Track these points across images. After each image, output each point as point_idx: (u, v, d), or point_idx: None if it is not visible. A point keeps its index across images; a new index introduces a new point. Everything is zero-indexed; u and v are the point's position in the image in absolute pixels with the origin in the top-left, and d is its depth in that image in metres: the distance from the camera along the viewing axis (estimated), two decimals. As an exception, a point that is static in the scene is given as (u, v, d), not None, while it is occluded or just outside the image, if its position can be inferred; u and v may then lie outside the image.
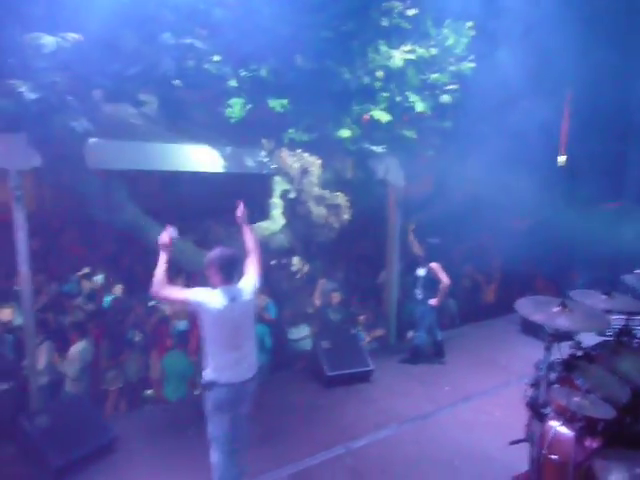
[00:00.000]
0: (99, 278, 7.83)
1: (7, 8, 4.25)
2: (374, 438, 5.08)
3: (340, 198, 6.07)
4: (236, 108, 5.85)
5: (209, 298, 3.52)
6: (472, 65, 6.57)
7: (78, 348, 6.05)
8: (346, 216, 6.12)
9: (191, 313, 3.60)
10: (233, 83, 5.83)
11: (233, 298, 3.56)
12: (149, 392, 6.35)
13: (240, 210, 4.04)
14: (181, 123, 5.96)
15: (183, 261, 6.03)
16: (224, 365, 3.57)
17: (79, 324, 6.47)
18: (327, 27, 5.95)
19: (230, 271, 3.60)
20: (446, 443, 5.01)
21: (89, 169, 5.28)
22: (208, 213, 7.01)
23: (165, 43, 4.60)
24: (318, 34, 5.93)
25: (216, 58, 5.52)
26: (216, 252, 3.64)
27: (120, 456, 4.78)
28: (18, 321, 6.41)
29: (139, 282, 7.87)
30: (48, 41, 4.02)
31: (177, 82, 5.28)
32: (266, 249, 6.30)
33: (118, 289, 7.41)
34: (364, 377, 6.32)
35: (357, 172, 6.59)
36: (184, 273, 7.01)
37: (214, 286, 3.60)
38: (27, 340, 5.75)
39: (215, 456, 3.68)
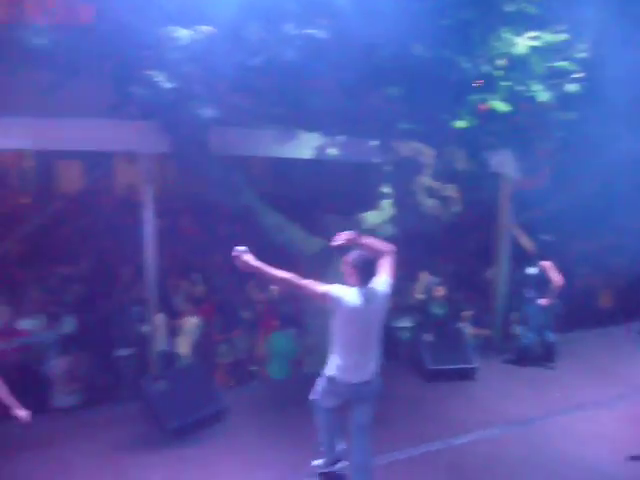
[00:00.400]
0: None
1: (146, 4, 4.60)
2: (477, 437, 4.97)
3: (450, 190, 5.95)
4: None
5: (347, 295, 3.54)
6: (602, 52, 6.11)
7: (189, 323, 6.48)
8: (456, 209, 5.99)
9: (325, 308, 3.61)
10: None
11: (367, 299, 3.57)
12: (255, 369, 6.67)
13: (342, 237, 3.71)
14: (298, 111, 6.12)
15: (294, 248, 6.25)
16: (346, 366, 3.64)
17: (193, 300, 6.93)
18: (446, 15, 5.81)
19: (366, 273, 3.60)
20: (553, 451, 4.78)
21: (212, 154, 5.61)
22: (319, 200, 7.18)
23: (288, 33, 4.74)
24: (437, 22, 5.80)
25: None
26: (355, 254, 3.64)
27: (229, 425, 5.10)
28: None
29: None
30: (183, 34, 4.31)
31: (296, 71, 5.43)
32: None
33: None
34: (467, 374, 6.18)
35: (470, 164, 6.40)
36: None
37: (350, 285, 3.62)
38: (150, 310, 6.29)
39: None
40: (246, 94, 5.31)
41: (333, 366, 3.69)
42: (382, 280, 3.66)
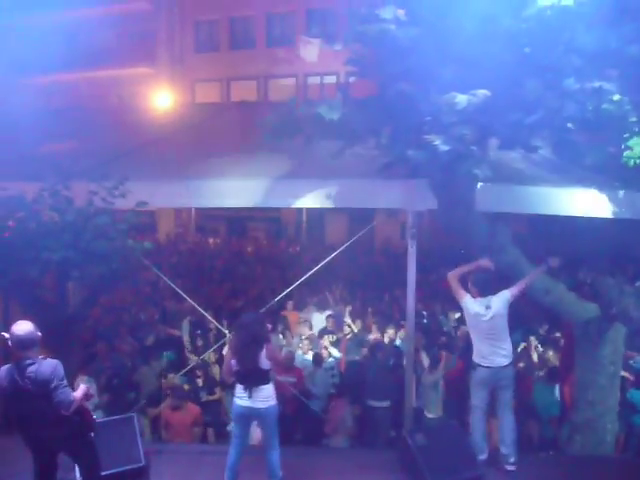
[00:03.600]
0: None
1: (426, 74, 4.95)
2: None
3: None
4: (637, 149, 5.34)
5: (470, 304, 5.13)
6: None
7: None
8: None
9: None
10: (634, 120, 5.36)
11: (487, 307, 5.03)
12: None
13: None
14: (569, 167, 5.80)
15: (562, 312, 5.80)
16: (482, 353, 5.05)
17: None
18: None
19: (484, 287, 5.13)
20: None
21: (478, 212, 5.64)
22: (593, 262, 6.55)
23: (569, 89, 4.57)
24: None
25: (616, 97, 5.20)
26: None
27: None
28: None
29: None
30: (461, 99, 4.50)
31: (570, 125, 5.18)
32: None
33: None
34: None
35: None
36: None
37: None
38: (407, 361, 6.47)
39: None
40: (518, 151, 5.25)
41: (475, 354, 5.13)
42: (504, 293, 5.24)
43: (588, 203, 5.97)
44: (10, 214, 5.70)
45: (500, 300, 5.08)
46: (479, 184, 5.64)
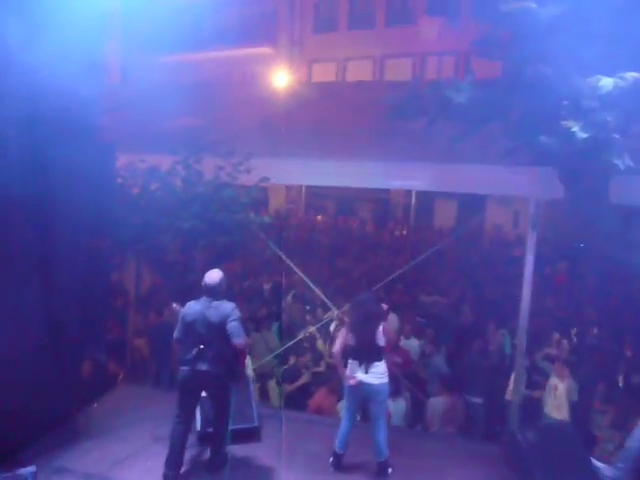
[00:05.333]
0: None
1: (567, 55, 4.64)
2: None
3: None
4: None
5: None
6: None
7: (563, 383, 6.15)
8: None
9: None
10: None
11: None
12: None
13: None
14: None
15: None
16: None
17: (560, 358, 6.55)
18: None
19: None
20: None
21: (611, 204, 5.25)
22: None
23: None
24: None
25: None
26: None
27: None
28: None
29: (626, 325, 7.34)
30: (606, 82, 4.18)
31: None
32: None
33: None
34: None
35: None
36: None
37: None
38: (517, 360, 6.24)
39: None
40: None
41: None
42: None
43: None
44: (146, 185, 6.19)
45: None
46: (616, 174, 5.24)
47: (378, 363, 4.64)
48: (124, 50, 12.66)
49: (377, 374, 4.63)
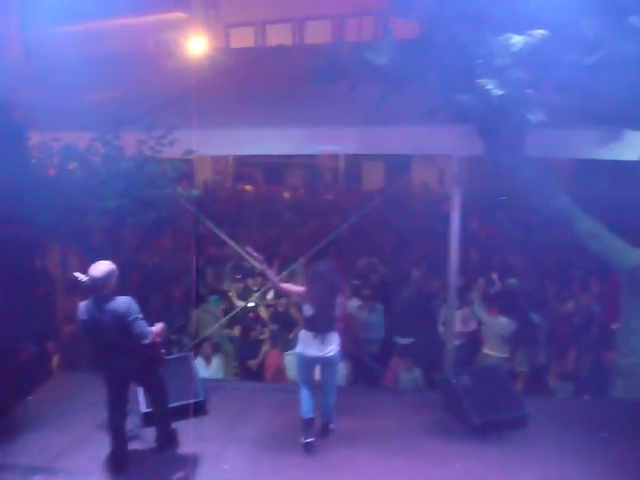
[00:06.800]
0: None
1: (479, 14, 4.78)
2: None
3: None
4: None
5: None
6: None
7: (498, 321, 6.58)
8: None
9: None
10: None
11: None
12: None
13: None
14: (629, 109, 5.56)
15: (609, 259, 5.75)
16: None
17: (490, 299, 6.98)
18: None
19: None
20: None
21: (527, 157, 5.54)
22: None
23: (631, 27, 4.35)
24: None
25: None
26: None
27: (530, 433, 4.97)
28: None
29: (549, 271, 7.89)
30: (516, 40, 4.35)
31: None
32: None
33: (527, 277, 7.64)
34: None
35: None
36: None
37: None
38: (448, 308, 6.58)
39: None
40: (572, 94, 5.08)
41: None
42: None
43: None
44: (64, 165, 5.87)
45: None
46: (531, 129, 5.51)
47: (333, 333, 4.66)
48: (24, 22, 11.72)
49: (332, 344, 4.64)
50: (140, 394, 4.95)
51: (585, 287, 7.35)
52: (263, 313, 7.38)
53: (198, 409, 5.13)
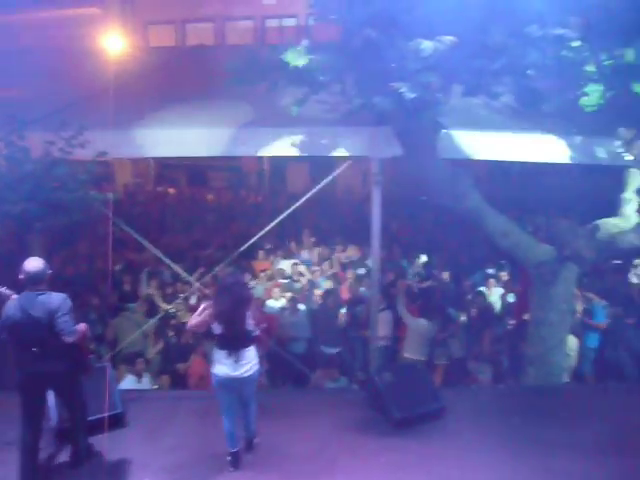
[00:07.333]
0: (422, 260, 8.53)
1: (391, 20, 4.91)
2: None
3: None
4: (593, 96, 5.50)
5: None
6: None
7: (418, 322, 6.74)
8: None
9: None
10: (591, 69, 5.49)
11: None
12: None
13: None
14: (530, 113, 5.92)
15: (519, 254, 6.08)
16: None
17: (412, 298, 7.19)
18: None
19: None
20: None
21: (439, 158, 5.76)
22: (549, 206, 6.84)
23: (531, 35, 4.63)
24: None
25: (575, 44, 5.30)
26: None
27: (448, 424, 5.18)
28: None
29: (464, 267, 8.25)
30: (426, 45, 4.50)
31: (531, 72, 5.26)
32: (611, 248, 5.85)
33: (445, 275, 7.96)
34: None
35: None
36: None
37: None
38: (372, 307, 6.70)
39: None
40: (481, 98, 5.33)
41: None
42: None
43: (546, 149, 6.17)
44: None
45: None
46: (442, 131, 5.74)
47: (249, 348, 4.36)
48: None
49: (247, 363, 4.33)
50: (52, 409, 4.68)
51: (499, 281, 7.77)
52: (186, 318, 7.21)
53: (116, 422, 4.93)
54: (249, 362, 4.34)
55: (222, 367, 4.30)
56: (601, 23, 5.15)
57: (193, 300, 7.59)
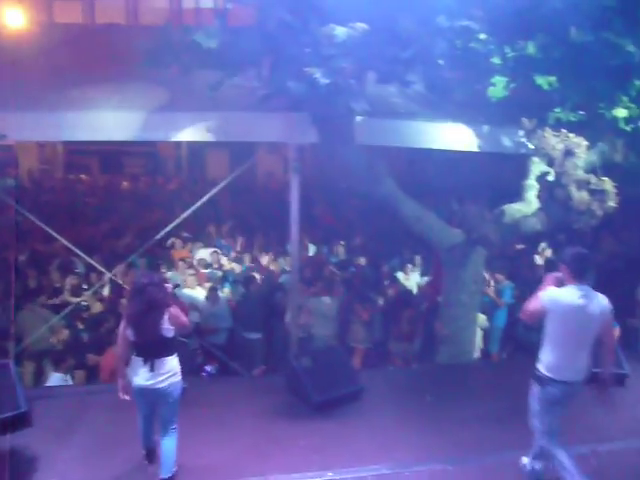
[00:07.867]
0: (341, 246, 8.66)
1: (308, 5, 4.90)
2: (626, 445, 4.71)
3: (607, 184, 5.59)
4: (499, 87, 5.78)
5: (560, 294, 3.65)
6: None
7: (321, 301, 6.83)
8: (612, 204, 5.63)
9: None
10: (497, 61, 5.77)
11: (584, 297, 3.61)
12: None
13: None
14: (441, 102, 6.13)
15: (431, 239, 6.31)
16: (560, 364, 3.70)
17: (329, 283, 7.28)
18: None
19: (580, 270, 3.66)
20: None
21: (356, 145, 5.83)
22: (459, 192, 7.12)
23: (440, 26, 4.78)
24: (598, 3, 5.47)
25: (482, 36, 5.53)
26: (570, 249, 3.80)
27: (365, 405, 5.33)
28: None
29: (383, 253, 8.46)
30: (340, 32, 4.53)
31: (441, 62, 5.44)
32: (516, 232, 6.19)
33: (362, 260, 8.13)
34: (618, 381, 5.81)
35: (629, 155, 5.99)
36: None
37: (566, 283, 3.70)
38: (291, 294, 6.71)
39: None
40: (394, 86, 5.45)
41: (545, 365, 3.76)
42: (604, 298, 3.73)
43: (457, 137, 6.41)
44: None
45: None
46: (358, 118, 5.81)
47: (167, 358, 3.94)
48: None
49: (165, 373, 3.91)
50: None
51: (414, 265, 8.03)
52: (97, 309, 6.90)
53: (21, 421, 4.63)
54: (167, 373, 3.93)
55: (136, 376, 3.95)
56: (505, 17, 5.41)
57: (106, 291, 7.27)
